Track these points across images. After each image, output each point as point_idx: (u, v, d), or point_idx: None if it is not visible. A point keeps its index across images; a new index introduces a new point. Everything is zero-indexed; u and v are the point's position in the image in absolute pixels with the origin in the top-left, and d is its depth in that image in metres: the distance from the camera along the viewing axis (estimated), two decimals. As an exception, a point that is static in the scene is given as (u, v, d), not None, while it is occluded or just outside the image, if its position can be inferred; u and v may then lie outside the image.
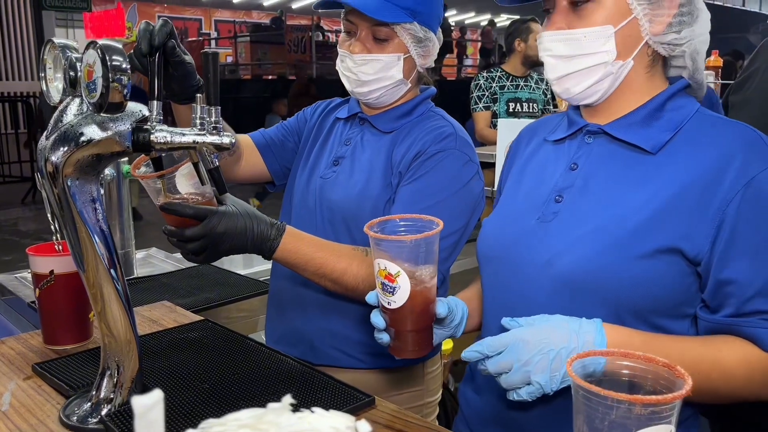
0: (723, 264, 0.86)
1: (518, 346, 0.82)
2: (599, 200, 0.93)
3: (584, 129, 0.99)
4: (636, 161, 0.92)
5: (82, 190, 0.89)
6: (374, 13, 1.22)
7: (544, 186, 1.00)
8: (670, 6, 0.90)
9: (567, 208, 0.95)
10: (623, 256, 0.87)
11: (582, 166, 0.97)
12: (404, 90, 1.34)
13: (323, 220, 1.35)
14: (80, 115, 0.87)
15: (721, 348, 0.86)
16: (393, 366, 1.37)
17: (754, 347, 0.86)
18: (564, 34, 0.92)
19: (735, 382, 0.86)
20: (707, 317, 0.89)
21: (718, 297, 0.88)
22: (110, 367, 0.97)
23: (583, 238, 0.91)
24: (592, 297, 0.89)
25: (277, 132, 1.49)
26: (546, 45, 0.95)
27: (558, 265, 0.92)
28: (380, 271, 0.91)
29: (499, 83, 3.75)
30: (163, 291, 1.70)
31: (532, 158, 1.08)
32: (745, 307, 0.86)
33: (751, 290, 0.85)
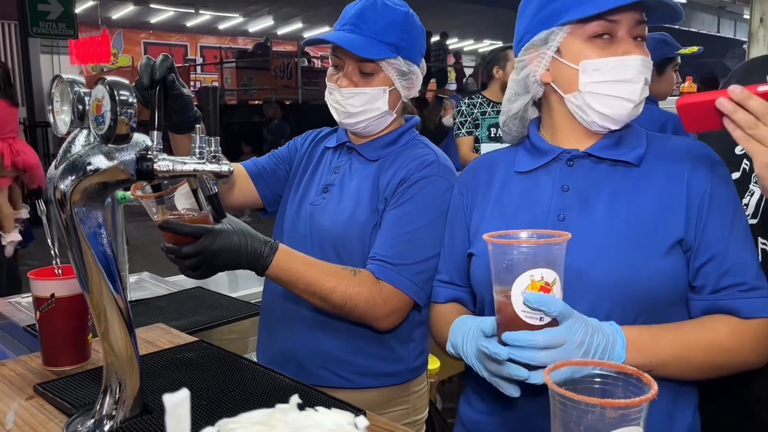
0: (702, 246, 1.00)
1: (578, 326, 0.87)
2: (606, 212, 1.03)
3: (563, 155, 1.08)
4: (623, 175, 1.05)
5: (88, 216, 0.94)
6: (360, 51, 1.30)
7: (538, 210, 1.07)
8: None
9: (575, 225, 1.02)
10: (650, 256, 0.99)
11: (574, 187, 1.06)
12: (390, 120, 1.41)
13: (313, 244, 1.41)
14: (88, 146, 0.93)
15: (713, 326, 0.99)
16: (379, 385, 1.42)
17: (737, 319, 0.98)
18: None
19: (729, 354, 0.98)
20: (695, 297, 1.02)
21: (699, 277, 1.00)
22: (112, 385, 1.01)
23: (608, 245, 1.00)
24: (625, 299, 0.99)
25: (268, 161, 1.56)
26: None
27: (593, 274, 0.99)
28: (532, 285, 0.85)
29: (481, 109, 3.85)
30: (157, 314, 1.74)
31: (505, 190, 1.14)
32: (721, 282, 0.99)
33: (724, 267, 0.99)
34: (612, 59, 1.01)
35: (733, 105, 0.85)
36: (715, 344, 0.98)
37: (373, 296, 1.27)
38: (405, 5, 1.38)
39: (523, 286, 0.86)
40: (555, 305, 0.85)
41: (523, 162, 1.13)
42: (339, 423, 0.44)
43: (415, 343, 1.45)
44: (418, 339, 1.46)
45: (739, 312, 0.98)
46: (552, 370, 0.75)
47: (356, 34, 1.32)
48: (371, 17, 1.33)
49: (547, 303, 0.85)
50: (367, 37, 1.32)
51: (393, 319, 1.32)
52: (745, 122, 0.85)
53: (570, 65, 1.03)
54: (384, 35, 1.32)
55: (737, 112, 0.85)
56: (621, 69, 1.01)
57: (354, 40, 1.31)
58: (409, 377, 1.46)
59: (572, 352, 0.86)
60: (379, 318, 1.30)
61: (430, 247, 1.30)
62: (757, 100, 0.84)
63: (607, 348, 0.90)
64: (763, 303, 0.98)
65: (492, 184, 1.16)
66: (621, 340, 0.92)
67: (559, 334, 0.86)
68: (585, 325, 0.88)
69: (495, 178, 1.16)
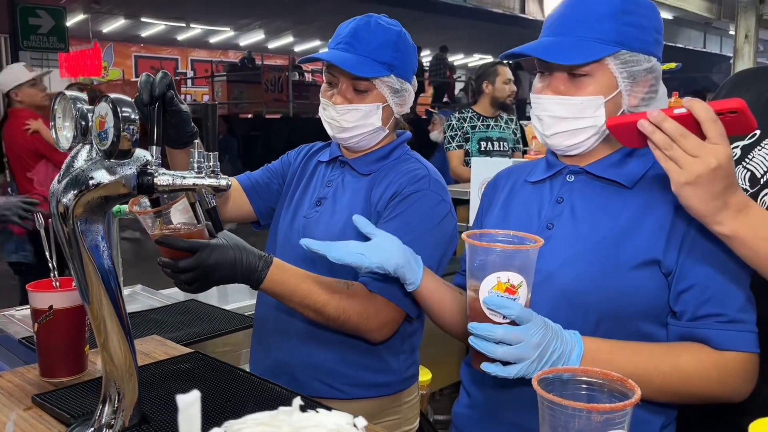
0: (683, 272, 1.02)
1: (536, 329, 0.93)
2: (587, 225, 1.09)
3: (565, 170, 1.15)
4: (615, 193, 1.10)
5: (90, 229, 0.97)
6: (354, 70, 1.33)
7: (533, 218, 1.15)
8: (644, 85, 1.08)
9: (559, 233, 1.10)
10: (615, 268, 1.04)
11: (567, 199, 1.13)
12: (382, 135, 1.44)
13: (305, 258, 1.43)
14: (90, 161, 0.96)
15: (680, 353, 1.00)
16: (371, 396, 1.44)
17: (709, 349, 1.00)
18: (562, 99, 1.08)
19: (694, 383, 1.00)
20: (672, 323, 1.04)
21: (679, 303, 1.03)
22: (111, 394, 1.03)
23: (578, 255, 1.07)
24: (586, 306, 1.04)
25: (262, 175, 1.59)
26: (544, 105, 1.10)
27: (558, 279, 1.07)
28: (498, 285, 0.92)
29: (471, 123, 3.90)
30: (151, 326, 1.75)
31: (514, 197, 1.22)
32: (699, 311, 1.01)
33: (704, 296, 1.01)
34: (535, 96, 1.12)
35: (652, 127, 0.89)
36: (678, 370, 0.99)
37: (365, 309, 1.30)
38: (398, 24, 1.42)
39: (489, 286, 0.93)
40: (512, 309, 0.92)
41: (537, 173, 1.21)
42: (339, 423, 0.47)
43: (406, 354, 1.48)
44: (409, 350, 1.48)
45: (711, 342, 0.99)
46: (539, 375, 0.78)
47: (350, 53, 1.36)
48: (365, 36, 1.36)
49: (505, 306, 0.92)
50: (361, 56, 1.35)
51: (385, 330, 1.35)
52: (662, 143, 0.89)
53: None
54: (378, 54, 1.36)
55: (655, 134, 0.89)
56: (535, 105, 1.12)
57: (348, 59, 1.34)
58: (400, 388, 1.48)
59: (528, 352, 0.92)
60: (371, 330, 1.32)
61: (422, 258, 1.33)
62: (672, 123, 0.88)
63: (563, 355, 0.95)
64: (739, 336, 0.99)
65: (506, 190, 1.25)
66: (578, 349, 0.96)
67: (518, 331, 0.92)
68: (545, 329, 0.94)
69: (510, 186, 1.25)
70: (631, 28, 1.06)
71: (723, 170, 0.87)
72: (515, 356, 0.92)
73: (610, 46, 1.04)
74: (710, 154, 0.86)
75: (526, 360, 0.92)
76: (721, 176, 0.87)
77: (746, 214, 0.91)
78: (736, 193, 0.91)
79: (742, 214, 0.91)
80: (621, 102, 1.08)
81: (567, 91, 1.07)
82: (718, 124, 0.87)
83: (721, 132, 0.87)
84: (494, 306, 0.92)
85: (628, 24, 1.05)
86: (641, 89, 1.08)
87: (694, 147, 0.87)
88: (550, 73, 1.09)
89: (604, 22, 1.05)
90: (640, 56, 1.06)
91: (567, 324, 1.00)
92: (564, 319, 1.01)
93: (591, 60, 1.04)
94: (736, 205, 0.91)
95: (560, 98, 1.08)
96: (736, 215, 0.91)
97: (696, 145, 0.87)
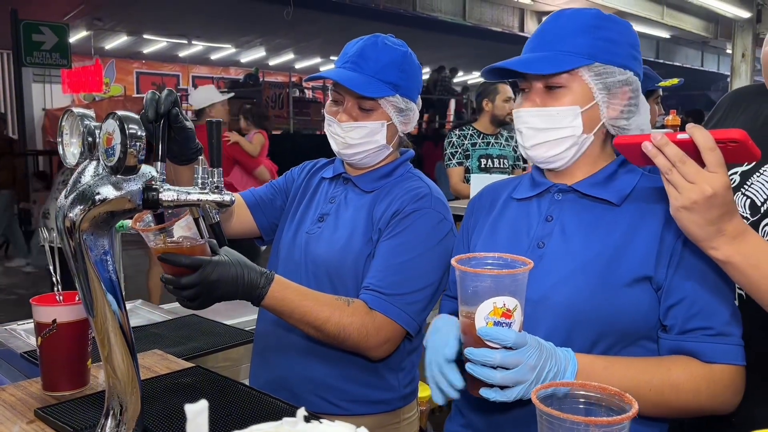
0: (672, 287, 1.04)
1: (532, 351, 0.94)
2: (579, 243, 1.10)
3: (553, 188, 1.16)
4: (604, 211, 1.12)
5: (95, 244, 0.98)
6: (361, 89, 1.35)
7: (522, 237, 1.16)
8: (622, 98, 1.11)
9: (550, 252, 1.11)
10: (609, 286, 1.05)
11: (557, 218, 1.14)
12: (386, 153, 1.46)
13: (308, 272, 1.45)
14: (97, 177, 0.97)
15: (671, 366, 1.03)
16: (370, 413, 1.45)
17: (698, 362, 1.02)
18: (539, 110, 1.11)
19: (685, 396, 1.02)
20: (663, 336, 1.06)
21: (668, 318, 1.05)
22: (114, 408, 1.04)
23: (572, 274, 1.08)
24: (583, 325, 1.06)
25: (266, 191, 1.60)
26: (524, 118, 1.13)
27: (554, 299, 1.08)
28: (494, 311, 0.93)
29: (471, 140, 3.93)
30: (153, 340, 1.76)
31: (501, 215, 1.22)
32: (687, 325, 1.03)
33: (692, 310, 1.03)
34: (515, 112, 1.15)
35: (655, 150, 0.91)
36: (670, 383, 1.01)
37: (365, 326, 1.30)
38: (404, 45, 1.44)
39: (486, 312, 0.93)
40: (508, 337, 0.92)
41: (522, 190, 1.22)
42: (342, 433, 0.48)
43: (406, 371, 1.48)
44: (408, 367, 1.49)
45: (701, 355, 1.02)
46: (538, 390, 0.79)
47: (357, 72, 1.38)
48: (372, 56, 1.39)
49: (501, 336, 0.93)
50: (368, 75, 1.38)
51: (385, 348, 1.35)
52: (663, 166, 0.91)
53: None
54: (383, 74, 1.38)
55: (657, 157, 0.91)
56: (515, 120, 1.16)
57: (354, 79, 1.37)
58: (399, 405, 1.49)
59: (526, 375, 0.93)
60: (371, 347, 1.33)
61: (422, 277, 1.34)
62: (673, 148, 0.90)
63: (558, 373, 0.96)
64: (727, 350, 1.02)
65: (493, 208, 1.25)
66: (572, 367, 0.98)
67: (514, 355, 0.93)
68: (539, 351, 0.95)
69: (496, 203, 1.25)
70: (605, 43, 1.10)
71: (719, 198, 0.89)
72: (513, 380, 0.93)
73: (584, 58, 1.08)
74: (706, 181, 0.88)
75: (524, 383, 0.93)
76: (717, 204, 0.89)
77: (742, 241, 0.93)
78: (733, 220, 0.92)
79: (738, 241, 0.93)
80: (599, 114, 1.11)
81: (544, 102, 1.11)
82: (716, 153, 0.88)
83: (719, 161, 0.88)
84: (490, 338, 0.93)
85: (601, 39, 1.10)
86: (619, 102, 1.11)
87: (692, 173, 0.89)
88: (529, 89, 1.13)
89: (578, 37, 1.10)
90: (614, 68, 1.10)
91: (564, 343, 1.02)
92: (561, 339, 1.03)
93: (564, 69, 1.07)
94: (732, 231, 0.92)
95: (537, 110, 1.11)
96: (731, 242, 0.92)
97: (694, 172, 0.89)
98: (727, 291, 1.05)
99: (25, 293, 5.94)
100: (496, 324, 0.93)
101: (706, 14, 12.31)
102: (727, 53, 14.98)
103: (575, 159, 1.13)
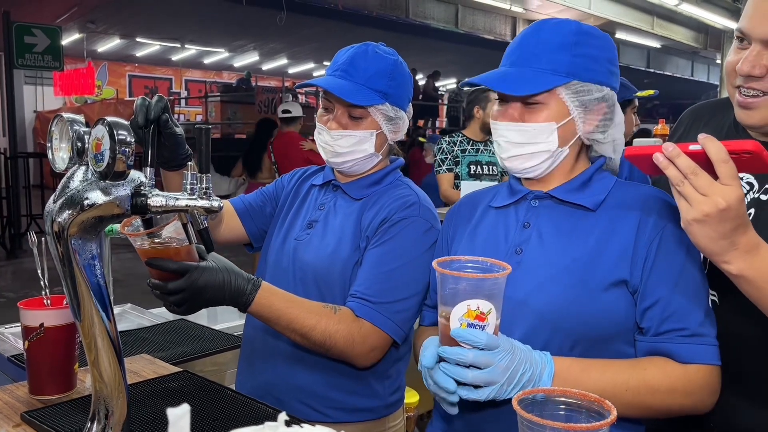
0: (646, 290, 1.07)
1: (504, 354, 0.96)
2: (556, 249, 1.12)
3: (529, 195, 1.18)
4: (580, 217, 1.14)
5: (83, 249, 0.99)
6: (350, 97, 1.36)
7: (500, 243, 1.18)
8: (597, 113, 1.14)
9: (528, 258, 1.13)
10: (587, 291, 1.07)
11: (534, 224, 1.16)
12: (376, 161, 1.47)
13: (295, 279, 1.45)
14: (86, 182, 0.98)
15: (646, 366, 1.05)
16: (355, 420, 1.45)
17: (673, 362, 1.04)
18: (517, 125, 1.13)
19: (661, 396, 1.03)
20: (639, 339, 1.08)
21: (644, 320, 1.07)
22: (100, 412, 1.04)
23: (550, 280, 1.10)
24: (561, 329, 1.07)
25: (256, 198, 1.61)
26: (501, 132, 1.15)
27: (532, 304, 1.09)
28: (468, 313, 0.95)
29: (461, 147, 3.95)
30: (141, 345, 1.76)
31: (480, 223, 1.24)
32: (662, 327, 1.06)
33: (667, 311, 1.05)
34: (493, 123, 1.17)
35: (666, 161, 0.90)
36: (646, 384, 1.03)
37: (352, 334, 1.31)
38: (394, 53, 1.46)
39: (460, 314, 0.95)
40: (480, 338, 0.94)
41: (500, 198, 1.24)
42: (322, 437, 0.49)
43: (392, 379, 1.48)
44: (394, 375, 1.49)
45: (676, 356, 1.04)
46: (519, 397, 0.80)
47: (347, 80, 1.39)
48: (362, 65, 1.40)
49: (472, 338, 0.95)
50: (358, 83, 1.39)
51: (372, 356, 1.36)
52: (674, 178, 0.89)
53: None
54: (373, 82, 1.39)
55: (669, 168, 0.89)
56: (492, 130, 1.18)
57: (344, 87, 1.38)
58: (384, 413, 1.49)
59: (498, 375, 0.95)
60: (358, 355, 1.33)
61: (409, 286, 1.35)
62: (685, 160, 0.88)
63: (534, 375, 0.98)
64: (702, 350, 1.04)
65: (472, 217, 1.27)
66: (549, 369, 1.00)
67: (486, 356, 0.95)
68: (513, 353, 0.97)
69: (475, 212, 1.27)
70: (584, 59, 1.12)
71: (732, 211, 0.87)
72: (485, 380, 0.95)
73: (562, 77, 1.10)
74: (719, 194, 0.86)
75: (496, 383, 0.95)
76: (730, 217, 0.87)
77: (756, 255, 0.91)
78: (747, 233, 0.90)
79: (751, 255, 0.91)
80: (575, 128, 1.13)
81: (521, 117, 1.13)
82: (729, 165, 0.86)
83: (732, 173, 0.86)
84: (462, 339, 0.95)
85: (581, 55, 1.11)
86: (595, 117, 1.14)
87: (705, 186, 0.87)
88: (507, 101, 1.15)
89: (558, 53, 1.11)
90: (591, 86, 1.12)
91: (543, 347, 1.04)
92: (540, 344, 1.05)
93: (542, 90, 1.09)
94: (745, 245, 0.90)
95: (515, 125, 1.13)
96: (744, 256, 0.90)
97: (706, 184, 0.87)
98: (701, 292, 1.07)
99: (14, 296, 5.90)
100: (469, 326, 0.95)
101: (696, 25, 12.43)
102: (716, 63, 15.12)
103: (550, 170, 1.16)
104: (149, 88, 18.91)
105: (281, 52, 16.80)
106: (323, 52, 15.93)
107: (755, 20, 1.06)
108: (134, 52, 16.91)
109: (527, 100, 1.11)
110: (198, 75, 19.90)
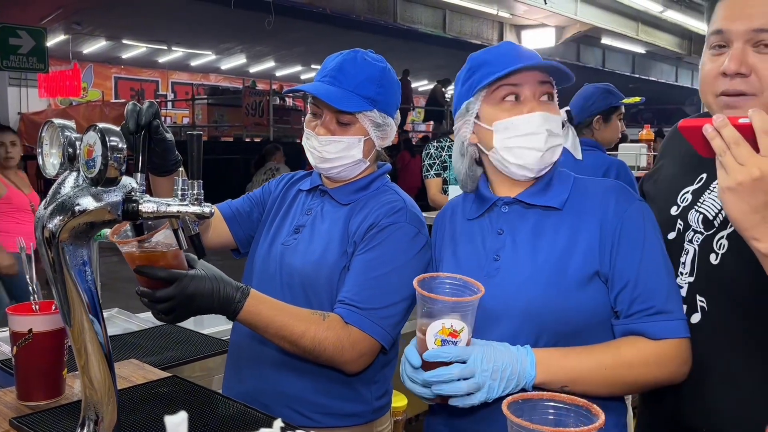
0: (615, 276, 1.14)
1: (479, 358, 1.04)
2: (529, 251, 1.18)
3: (499, 202, 1.25)
4: (548, 217, 1.21)
5: (74, 254, 0.99)
6: (338, 103, 1.37)
7: (480, 251, 1.24)
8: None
9: (506, 263, 1.19)
10: (563, 288, 1.14)
11: (507, 230, 1.23)
12: (363, 167, 1.48)
13: (282, 284, 1.45)
14: (77, 188, 0.98)
15: (620, 346, 1.13)
16: (342, 425, 1.45)
17: (646, 339, 1.12)
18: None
19: (636, 370, 1.11)
20: (614, 322, 1.16)
21: (617, 304, 1.15)
22: (90, 418, 1.04)
23: (527, 281, 1.16)
24: (542, 328, 1.14)
25: (243, 203, 1.61)
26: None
27: (513, 307, 1.15)
28: (443, 330, 1.04)
29: (449, 152, 3.97)
30: (129, 349, 1.76)
31: (461, 234, 1.31)
32: (631, 308, 1.13)
33: (635, 292, 1.13)
34: (517, 117, 1.19)
35: (714, 132, 0.88)
36: (622, 360, 1.11)
37: (341, 341, 1.31)
38: (383, 60, 1.46)
39: (435, 330, 1.04)
40: (448, 353, 1.04)
41: (472, 210, 1.31)
42: (317, 444, 0.49)
43: (379, 384, 1.49)
44: (381, 380, 1.49)
45: (646, 334, 1.12)
46: (509, 401, 0.82)
47: (335, 87, 1.40)
48: (351, 71, 1.41)
49: (442, 354, 1.04)
50: (346, 90, 1.39)
51: (361, 362, 1.36)
52: (718, 148, 0.89)
53: (486, 127, 1.22)
54: (362, 89, 1.40)
55: (715, 139, 0.89)
56: (525, 124, 1.19)
57: (333, 93, 1.38)
58: (371, 417, 1.49)
59: (486, 377, 1.04)
60: (347, 362, 1.33)
61: (397, 291, 1.36)
62: (730, 130, 0.87)
63: (517, 367, 1.06)
64: (668, 326, 1.11)
65: (453, 227, 1.33)
66: (531, 358, 1.07)
67: (468, 367, 1.04)
68: (485, 354, 1.05)
69: (455, 223, 1.34)
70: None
71: (766, 182, 0.86)
72: (475, 386, 1.04)
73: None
74: (756, 164, 0.86)
75: (485, 386, 1.04)
76: (763, 188, 0.86)
77: None
78: None
79: None
80: None
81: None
82: None
83: None
84: (432, 359, 1.04)
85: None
86: None
87: (743, 155, 0.87)
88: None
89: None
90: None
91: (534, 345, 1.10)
92: (524, 343, 1.11)
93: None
94: None
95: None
96: None
97: (746, 154, 0.87)
98: (663, 271, 1.14)
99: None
100: (443, 341, 1.04)
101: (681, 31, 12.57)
102: (700, 69, 15.21)
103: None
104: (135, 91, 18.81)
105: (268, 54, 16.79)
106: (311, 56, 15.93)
107: (733, 16, 1.07)
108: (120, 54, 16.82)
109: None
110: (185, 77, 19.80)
